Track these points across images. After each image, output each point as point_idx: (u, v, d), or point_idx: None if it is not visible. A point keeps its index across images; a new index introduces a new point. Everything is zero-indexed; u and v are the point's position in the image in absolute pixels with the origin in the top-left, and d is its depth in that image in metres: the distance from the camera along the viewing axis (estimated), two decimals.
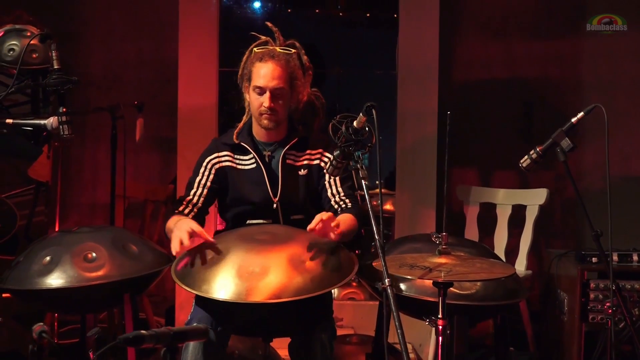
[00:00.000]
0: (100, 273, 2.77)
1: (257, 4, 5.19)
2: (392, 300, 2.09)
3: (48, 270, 2.75)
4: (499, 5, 5.04)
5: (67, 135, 2.75)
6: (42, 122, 2.88)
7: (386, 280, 2.10)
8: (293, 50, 2.96)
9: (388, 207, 5.20)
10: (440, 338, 2.34)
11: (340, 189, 2.93)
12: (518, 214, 4.28)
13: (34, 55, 5.29)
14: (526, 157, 2.79)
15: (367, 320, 3.91)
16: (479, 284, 2.72)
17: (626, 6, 4.90)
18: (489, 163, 5.04)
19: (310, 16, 5.67)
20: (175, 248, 2.62)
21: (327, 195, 2.94)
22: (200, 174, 2.98)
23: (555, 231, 4.99)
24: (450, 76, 4.90)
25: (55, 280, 2.73)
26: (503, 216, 4.30)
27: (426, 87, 4.47)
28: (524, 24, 5.04)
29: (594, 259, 3.70)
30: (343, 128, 2.30)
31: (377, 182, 2.21)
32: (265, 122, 2.89)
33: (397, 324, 2.04)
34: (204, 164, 2.99)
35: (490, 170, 5.03)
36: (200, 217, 2.97)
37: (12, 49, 5.21)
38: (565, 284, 3.84)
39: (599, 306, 3.64)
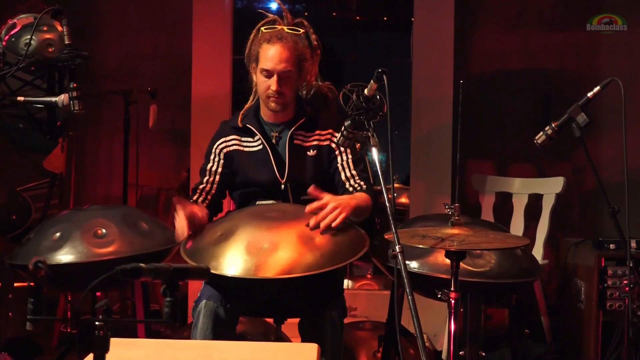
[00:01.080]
0: (110, 249, 2.75)
1: (273, 5, 5.18)
2: (403, 267, 2.05)
3: (58, 246, 2.74)
4: None
5: (78, 110, 2.75)
6: (53, 99, 2.89)
7: (397, 247, 2.07)
8: (301, 31, 2.92)
9: (404, 200, 5.17)
10: (453, 311, 2.30)
11: (354, 172, 2.88)
12: (535, 204, 4.23)
13: (50, 49, 5.36)
14: (541, 133, 2.75)
15: (380, 309, 3.86)
16: (492, 261, 2.68)
17: (626, 6, 4.84)
18: (505, 155, 4.98)
19: (326, 18, 5.67)
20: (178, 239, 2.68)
21: (341, 179, 2.89)
22: (211, 161, 2.96)
23: (572, 224, 4.92)
24: (466, 67, 4.86)
25: (64, 255, 2.71)
26: (519, 206, 4.24)
27: (441, 77, 4.44)
28: (541, 15, 4.99)
29: (612, 246, 3.65)
30: (354, 96, 2.26)
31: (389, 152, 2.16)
32: (273, 104, 2.85)
33: (408, 290, 2.00)
34: (213, 149, 2.96)
35: (507, 162, 4.97)
36: (215, 204, 2.95)
37: (28, 43, 5.28)
38: (582, 272, 3.78)
39: (617, 294, 3.57)
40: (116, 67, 5.10)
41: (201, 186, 2.93)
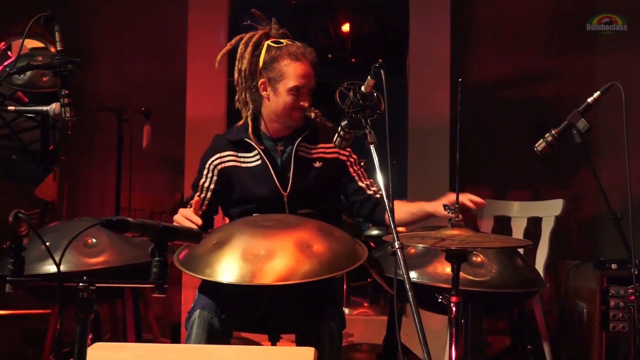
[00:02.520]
0: (100, 259, 2.68)
1: None
2: (402, 264, 1.98)
3: (46, 255, 2.66)
4: (510, 22, 4.99)
5: (69, 117, 2.68)
6: (44, 108, 2.81)
7: (396, 243, 2.00)
8: (310, 48, 2.88)
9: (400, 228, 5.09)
10: (453, 315, 2.22)
11: (369, 181, 2.90)
12: (533, 228, 4.16)
13: (45, 79, 5.34)
14: (541, 140, 2.71)
15: (378, 334, 3.78)
16: (494, 270, 2.62)
17: (626, 6, 4.84)
18: (502, 181, 4.94)
19: (322, 59, 5.70)
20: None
21: (361, 186, 2.87)
22: (204, 177, 2.88)
23: (570, 249, 4.84)
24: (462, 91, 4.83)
25: (53, 265, 2.62)
26: (518, 229, 4.17)
27: (438, 99, 4.42)
28: (536, 41, 4.99)
29: (614, 266, 3.58)
30: (350, 94, 2.22)
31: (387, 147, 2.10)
32: (297, 119, 2.83)
33: (408, 286, 1.93)
34: (207, 165, 2.89)
35: (504, 188, 4.92)
36: (206, 219, 2.87)
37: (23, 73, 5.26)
38: (584, 294, 3.71)
39: (620, 314, 3.50)
40: (109, 93, 5.08)
41: (192, 201, 2.85)
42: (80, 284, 1.09)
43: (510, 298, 2.72)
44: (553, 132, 2.66)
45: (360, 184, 2.87)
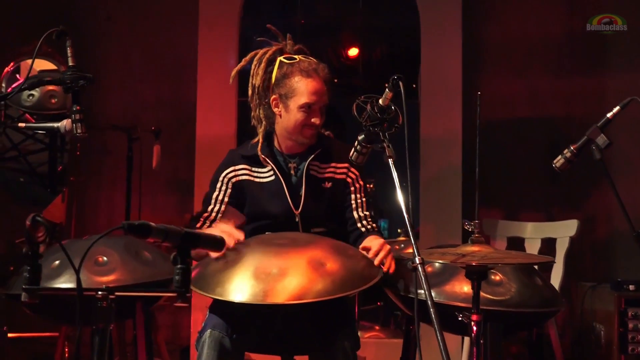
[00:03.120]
0: (111, 277, 2.62)
1: None
2: (424, 280, 1.93)
3: (56, 274, 2.62)
4: (521, 43, 4.97)
5: (81, 133, 2.64)
6: (55, 125, 2.78)
7: (417, 259, 1.95)
8: (322, 65, 2.82)
9: (411, 250, 5.02)
10: (474, 334, 2.16)
11: (366, 213, 2.81)
12: (547, 249, 4.10)
13: (53, 101, 5.31)
14: (560, 156, 2.66)
15: (391, 358, 3.71)
16: (513, 289, 2.55)
17: (626, 6, 4.82)
18: (514, 202, 4.88)
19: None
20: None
21: (354, 216, 2.80)
22: (217, 189, 2.84)
23: (584, 271, 4.78)
24: (472, 114, 4.80)
25: (63, 284, 2.58)
26: (532, 251, 4.10)
27: (450, 118, 4.39)
28: (547, 62, 4.96)
29: (631, 287, 3.51)
30: (368, 107, 2.17)
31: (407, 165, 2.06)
32: (309, 137, 2.77)
33: (429, 302, 1.88)
34: (220, 178, 2.84)
35: (516, 210, 4.86)
36: None
37: (32, 95, 5.24)
38: (601, 316, 3.64)
39: (639, 337, 3.42)
40: (118, 115, 5.04)
41: (205, 214, 2.81)
42: (99, 293, 1.04)
43: (531, 318, 2.65)
44: (572, 148, 2.61)
45: (355, 214, 2.81)
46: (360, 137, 2.27)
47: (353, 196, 2.81)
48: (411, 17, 4.71)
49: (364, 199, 2.82)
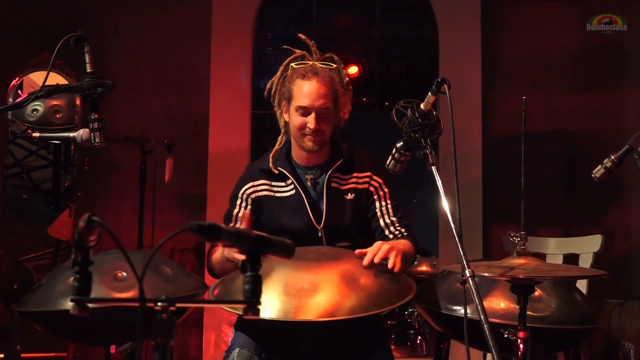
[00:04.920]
0: (131, 293, 2.50)
1: None
2: (475, 295, 1.81)
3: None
4: (537, 58, 4.89)
5: (99, 143, 2.53)
6: (71, 134, 2.67)
7: (467, 271, 1.83)
8: (334, 65, 2.74)
9: (424, 267, 4.92)
10: (520, 353, 2.03)
11: (394, 218, 2.66)
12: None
13: (58, 116, 5.22)
14: (599, 166, 2.55)
15: None
16: (553, 305, 2.44)
17: (626, 6, 4.75)
18: (531, 219, 4.74)
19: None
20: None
21: (380, 225, 2.66)
22: (237, 206, 2.71)
23: (604, 288, 4.66)
24: (489, 129, 4.71)
25: None
26: None
27: (469, 132, 4.29)
28: (563, 76, 4.88)
29: None
30: (409, 112, 2.06)
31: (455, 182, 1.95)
32: (310, 144, 2.63)
33: (483, 318, 1.76)
34: (240, 194, 2.72)
35: (534, 226, 4.74)
36: None
37: (36, 109, 5.14)
38: (631, 334, 3.53)
39: None
40: (126, 130, 4.92)
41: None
42: (159, 304, 0.93)
43: (571, 335, 2.54)
44: (612, 157, 2.50)
45: (381, 222, 2.67)
46: (398, 144, 2.17)
47: (377, 204, 2.68)
48: (430, 30, 4.65)
49: (389, 205, 2.68)
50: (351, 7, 5.16)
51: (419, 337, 4.96)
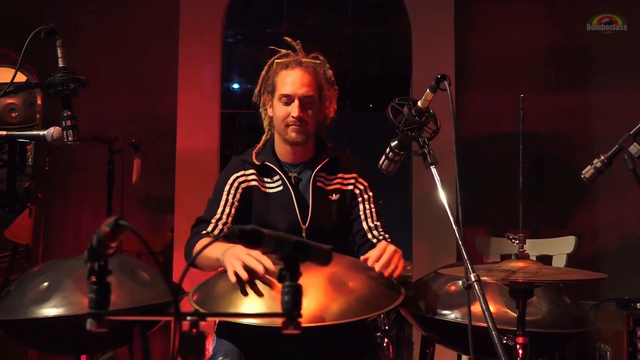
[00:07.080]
0: None
1: None
2: (481, 299, 1.74)
3: (45, 297, 2.35)
4: (506, 60, 4.87)
5: (72, 141, 2.40)
6: (40, 132, 2.51)
7: (472, 275, 1.76)
8: (319, 61, 2.67)
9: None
10: (520, 358, 1.97)
11: (377, 222, 2.61)
12: None
13: (13, 115, 5.01)
14: (589, 167, 2.50)
15: None
16: (544, 309, 2.40)
17: (626, 6, 4.75)
18: (500, 220, 4.74)
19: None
20: (232, 278, 2.23)
21: (362, 228, 2.61)
22: (226, 192, 2.59)
23: (574, 290, 4.65)
24: (458, 130, 4.65)
25: (54, 308, 2.32)
26: None
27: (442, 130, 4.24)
28: (532, 78, 4.86)
29: (639, 305, 3.39)
30: (405, 110, 1.98)
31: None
32: (293, 134, 2.55)
33: (490, 324, 1.69)
34: (230, 181, 2.60)
35: (502, 227, 4.68)
36: None
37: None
38: (607, 336, 3.50)
39: None
40: (88, 129, 4.73)
41: (216, 216, 2.53)
42: (188, 318, 0.82)
43: (562, 339, 2.50)
44: (602, 157, 2.46)
45: (364, 224, 2.62)
46: (392, 144, 2.08)
47: (362, 207, 2.63)
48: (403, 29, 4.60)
49: (373, 209, 2.64)
50: (323, 6, 5.07)
51: (386, 340, 4.88)
